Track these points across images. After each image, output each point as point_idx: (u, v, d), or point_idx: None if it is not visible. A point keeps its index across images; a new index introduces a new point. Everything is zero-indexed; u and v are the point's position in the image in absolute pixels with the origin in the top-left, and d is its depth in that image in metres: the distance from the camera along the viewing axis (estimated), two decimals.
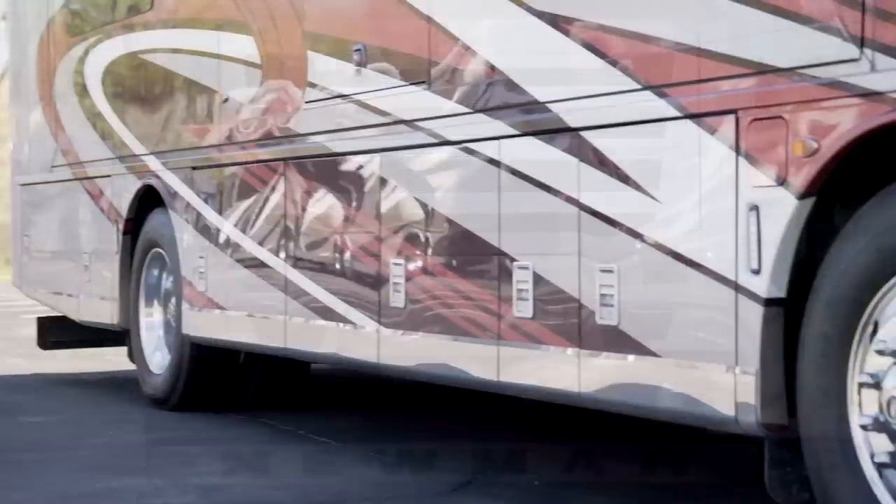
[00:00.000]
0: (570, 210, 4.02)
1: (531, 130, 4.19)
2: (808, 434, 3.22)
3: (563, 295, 4.06)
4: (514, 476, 4.84)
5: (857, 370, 3.11)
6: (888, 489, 3.03)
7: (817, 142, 3.18)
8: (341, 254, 5.26)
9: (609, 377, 3.90)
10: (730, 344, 3.44)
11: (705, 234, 3.56)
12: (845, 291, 3.13)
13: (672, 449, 5.48)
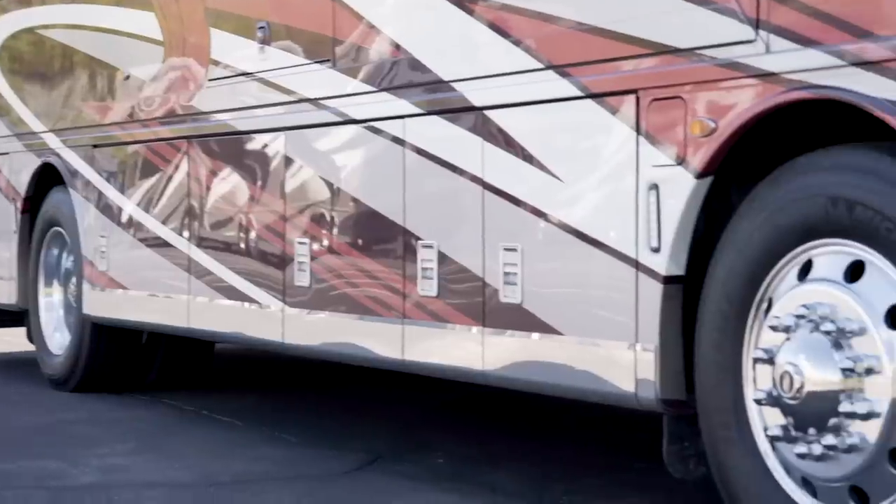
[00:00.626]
0: (474, 189, 4.08)
1: (436, 109, 4.24)
2: (705, 409, 3.32)
3: (467, 273, 4.13)
4: (420, 454, 4.90)
5: (751, 346, 3.21)
6: (780, 461, 3.13)
7: (715, 122, 3.27)
8: (246, 233, 5.27)
9: (513, 355, 3.97)
10: (630, 321, 3.52)
11: (607, 213, 3.64)
12: (741, 269, 3.22)
13: (573, 425, 5.59)
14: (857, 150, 2.99)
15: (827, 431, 2.95)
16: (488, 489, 4.29)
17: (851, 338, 2.94)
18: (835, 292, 3.01)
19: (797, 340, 3.05)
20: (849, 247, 3.00)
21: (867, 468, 2.91)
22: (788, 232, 3.11)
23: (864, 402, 2.90)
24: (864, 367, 2.91)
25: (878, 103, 2.86)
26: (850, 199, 2.94)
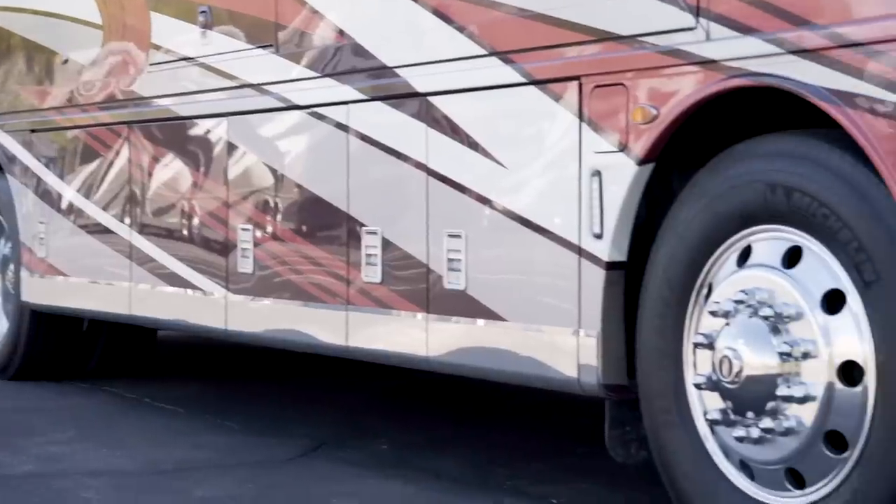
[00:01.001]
0: (418, 175, 4.12)
1: (379, 95, 4.28)
2: (646, 394, 3.38)
3: (411, 260, 4.17)
4: (363, 440, 4.94)
5: (692, 331, 3.27)
6: (719, 445, 3.20)
7: (656, 109, 3.33)
8: (188, 219, 5.28)
9: (457, 341, 4.02)
10: (573, 307, 3.58)
11: (550, 200, 3.69)
12: (682, 255, 3.28)
13: (517, 410, 5.65)
14: (794, 138, 3.06)
15: (764, 415, 3.02)
16: (432, 475, 4.34)
17: (789, 322, 3.01)
18: (773, 278, 3.07)
19: (736, 325, 3.11)
20: (786, 233, 3.06)
21: (803, 451, 2.98)
22: (728, 218, 3.18)
23: (801, 385, 2.97)
24: (801, 352, 2.98)
25: (814, 91, 2.93)
26: (787, 186, 3.01)
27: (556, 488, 4.11)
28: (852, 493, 2.87)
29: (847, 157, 2.90)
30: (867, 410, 2.85)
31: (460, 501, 3.93)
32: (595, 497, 3.99)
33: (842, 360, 2.92)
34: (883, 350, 2.81)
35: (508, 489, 4.12)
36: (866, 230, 2.85)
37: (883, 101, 2.77)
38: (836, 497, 2.90)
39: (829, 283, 2.97)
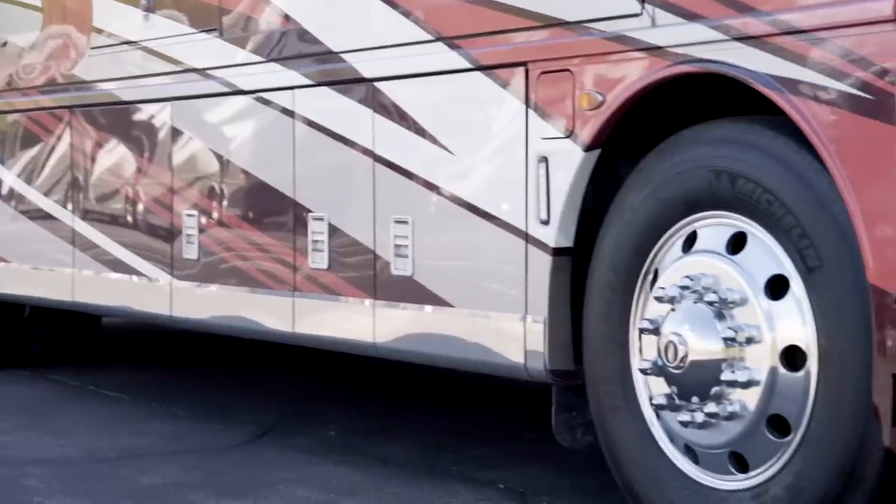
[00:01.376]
0: (364, 161, 4.13)
1: (325, 80, 4.28)
2: (593, 379, 3.42)
3: (358, 246, 4.18)
4: (311, 427, 4.96)
5: (637, 317, 3.31)
6: (665, 429, 3.24)
7: (602, 95, 3.36)
8: (133, 205, 5.26)
9: (404, 327, 4.04)
10: (520, 293, 3.61)
11: (497, 186, 3.72)
12: (628, 241, 3.32)
13: (464, 397, 5.69)
14: (738, 124, 3.10)
15: (709, 400, 3.07)
16: (380, 461, 4.36)
17: (733, 308, 3.06)
18: (718, 263, 3.11)
19: (681, 311, 3.15)
20: (731, 219, 3.10)
21: (747, 435, 3.03)
22: (673, 204, 3.21)
23: (745, 370, 3.01)
24: (745, 337, 3.02)
25: (759, 78, 2.97)
26: (732, 172, 3.05)
27: (503, 473, 4.14)
28: (794, 476, 2.92)
29: (791, 143, 2.94)
30: (809, 395, 2.90)
31: (407, 487, 3.95)
32: (542, 482, 4.03)
33: (785, 345, 2.97)
34: (825, 335, 2.86)
35: (455, 474, 4.15)
36: (810, 216, 2.89)
37: (826, 88, 2.81)
38: (779, 480, 2.95)
39: (773, 268, 3.01)
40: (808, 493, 2.89)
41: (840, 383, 2.83)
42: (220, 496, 3.85)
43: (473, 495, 3.86)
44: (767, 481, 2.99)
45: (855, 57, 2.76)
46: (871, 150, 2.70)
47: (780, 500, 2.95)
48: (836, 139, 2.78)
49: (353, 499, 3.82)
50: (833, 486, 2.84)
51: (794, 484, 2.92)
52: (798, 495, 2.91)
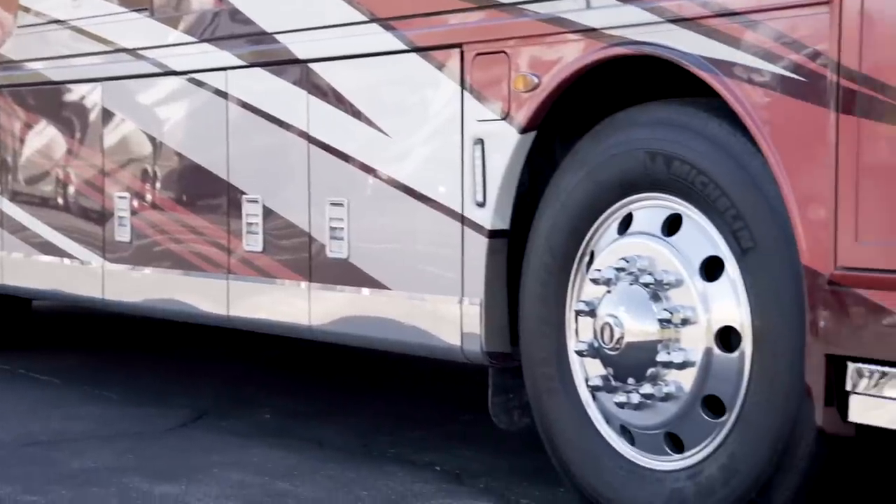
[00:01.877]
0: (299, 143, 4.12)
1: (259, 61, 4.26)
2: (529, 361, 3.44)
3: (293, 229, 4.17)
4: (246, 410, 4.95)
5: (574, 299, 3.33)
6: (600, 410, 3.28)
7: (538, 77, 3.37)
8: (63, 187, 5.21)
9: (340, 310, 4.04)
10: (456, 276, 3.62)
11: (433, 168, 3.72)
12: (564, 223, 3.34)
13: (401, 379, 5.70)
14: (673, 106, 3.12)
15: (645, 381, 3.10)
16: (315, 444, 4.36)
17: (669, 290, 3.09)
18: (653, 245, 3.14)
19: (617, 293, 3.18)
20: (667, 201, 3.13)
21: (682, 415, 3.06)
22: (609, 187, 3.23)
23: (680, 351, 3.05)
24: (681, 318, 3.05)
25: (693, 60, 2.99)
26: (667, 154, 3.08)
27: (440, 456, 4.16)
28: (729, 456, 2.96)
29: (725, 125, 2.97)
30: (744, 375, 2.94)
31: (343, 470, 3.96)
32: (478, 464, 4.05)
33: (720, 327, 3.00)
34: (759, 316, 2.90)
35: (392, 457, 4.16)
36: (743, 198, 2.92)
37: (759, 70, 2.84)
38: (714, 460, 2.99)
39: (707, 250, 3.04)
40: (742, 473, 2.93)
41: (774, 364, 2.87)
42: (153, 480, 3.83)
43: (410, 477, 3.87)
44: (702, 461, 3.03)
45: (788, 39, 2.79)
46: (804, 132, 2.73)
47: (715, 479, 2.98)
48: (770, 121, 2.81)
49: (288, 481, 3.82)
50: (767, 466, 2.88)
51: (728, 464, 2.96)
52: (732, 475, 2.95)
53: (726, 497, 2.95)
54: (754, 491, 2.91)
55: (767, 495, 2.90)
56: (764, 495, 2.90)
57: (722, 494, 2.96)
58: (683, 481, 3.06)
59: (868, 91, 2.57)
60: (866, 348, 2.64)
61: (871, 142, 2.58)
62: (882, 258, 2.58)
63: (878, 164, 2.59)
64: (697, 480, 3.03)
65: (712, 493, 2.98)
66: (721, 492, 2.96)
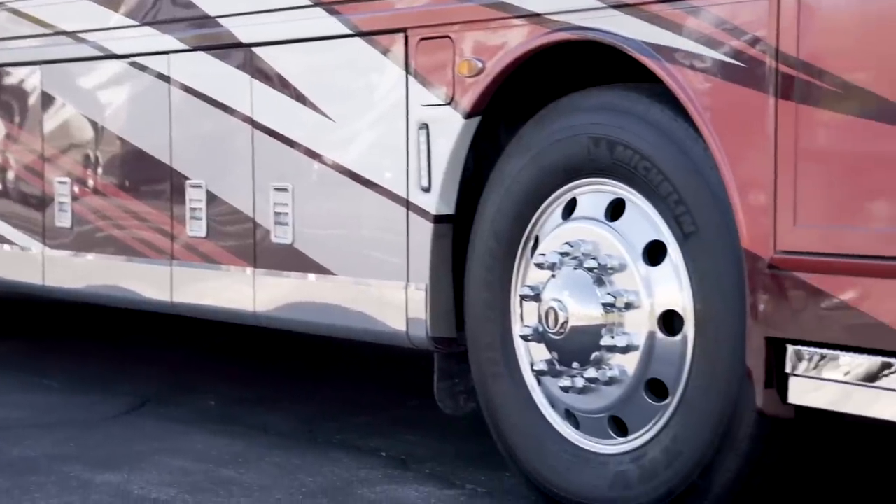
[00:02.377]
0: (243, 128, 4.14)
1: (202, 45, 4.28)
2: (474, 346, 3.49)
3: (237, 214, 4.19)
4: (190, 397, 4.97)
5: (519, 283, 3.38)
6: (545, 395, 3.33)
7: (482, 62, 3.42)
8: (2, 173, 5.20)
9: (285, 296, 4.07)
10: (402, 261, 3.66)
11: (378, 153, 3.76)
12: (509, 208, 3.39)
13: (346, 365, 5.74)
14: (616, 92, 3.18)
15: (589, 365, 3.16)
16: (261, 430, 4.39)
17: (612, 274, 3.14)
18: (597, 230, 3.20)
19: (562, 277, 3.23)
20: (610, 186, 3.19)
21: (626, 399, 3.13)
22: (553, 171, 3.29)
23: (624, 335, 3.11)
24: (624, 302, 3.11)
25: (635, 45, 3.04)
26: (610, 140, 3.13)
27: (386, 441, 4.20)
28: (672, 438, 3.02)
29: (667, 111, 3.03)
30: (686, 359, 3.00)
31: (289, 456, 3.99)
32: (424, 449, 4.10)
33: (662, 310, 3.06)
34: (700, 299, 2.96)
35: (338, 443, 4.20)
36: (685, 183, 2.99)
37: (701, 56, 2.90)
38: (657, 443, 3.06)
39: (650, 234, 3.10)
40: (685, 455, 2.99)
41: (715, 347, 2.93)
42: (94, 468, 3.85)
43: (356, 463, 3.91)
44: (646, 444, 3.10)
45: (728, 26, 2.85)
46: (744, 117, 2.79)
47: (658, 462, 3.05)
48: (711, 107, 2.87)
49: (233, 468, 3.85)
50: (709, 448, 2.95)
51: (671, 446, 3.03)
52: (675, 457, 3.01)
53: (669, 479, 3.02)
54: (696, 473, 2.98)
55: (709, 477, 2.97)
56: (706, 477, 2.97)
57: (665, 477, 3.03)
58: (627, 464, 3.13)
59: (806, 77, 2.64)
60: (805, 331, 2.71)
61: (809, 127, 2.64)
62: (820, 242, 2.65)
63: (816, 148, 2.65)
64: (641, 463, 3.09)
65: (655, 476, 3.05)
66: (664, 474, 3.03)
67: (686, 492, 3.00)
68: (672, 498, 3.02)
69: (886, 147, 2.55)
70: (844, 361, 2.64)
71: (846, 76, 2.59)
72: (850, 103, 2.59)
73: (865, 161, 2.59)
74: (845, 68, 2.59)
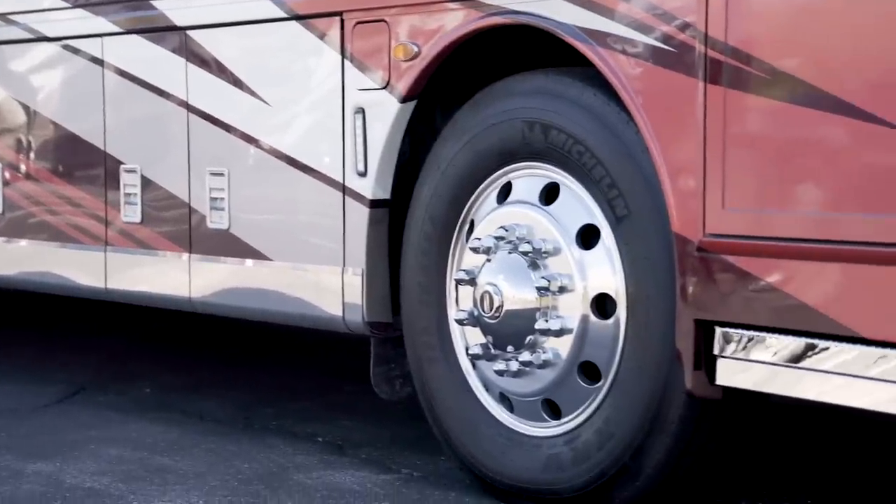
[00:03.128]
0: (178, 112, 4.17)
1: (136, 28, 4.29)
2: (410, 330, 3.55)
3: (173, 199, 4.22)
4: (125, 384, 4.98)
5: (454, 268, 3.44)
6: (480, 379, 3.40)
7: (418, 46, 3.47)
8: None
9: (222, 282, 4.10)
10: (338, 246, 3.71)
11: (314, 138, 3.80)
12: (444, 192, 3.44)
13: (283, 351, 5.78)
14: (550, 76, 3.24)
15: (524, 348, 3.22)
16: (196, 417, 4.43)
17: (547, 258, 3.21)
18: (531, 214, 3.26)
19: (497, 261, 3.29)
20: (545, 170, 3.25)
21: (559, 382, 3.20)
22: (488, 156, 3.35)
23: (558, 319, 3.18)
24: (558, 286, 3.18)
25: (567, 29, 3.11)
26: (544, 124, 3.20)
27: (323, 426, 4.25)
28: (604, 420, 3.10)
29: (600, 95, 3.10)
30: (619, 341, 3.08)
31: (224, 443, 4.03)
32: (361, 434, 4.15)
33: (595, 294, 3.13)
34: (633, 283, 3.04)
35: (274, 429, 4.24)
36: (618, 167, 3.06)
37: (632, 41, 2.97)
38: (590, 425, 3.13)
39: (584, 218, 3.16)
40: (617, 437, 3.07)
41: (647, 330, 3.01)
42: (26, 458, 3.85)
43: (292, 449, 3.96)
44: (579, 426, 3.17)
45: (659, 11, 2.91)
46: (674, 102, 2.87)
47: (591, 444, 3.13)
48: (642, 91, 2.95)
49: (168, 456, 3.88)
50: (640, 430, 3.03)
51: (603, 428, 3.10)
52: (607, 439, 3.09)
53: (601, 461, 3.10)
54: (628, 454, 3.05)
55: (640, 458, 3.04)
56: (636, 458, 3.05)
57: (597, 459, 3.11)
58: (560, 447, 3.20)
59: (734, 62, 2.72)
60: (733, 313, 2.79)
61: (738, 112, 2.72)
62: (748, 225, 2.73)
63: (744, 133, 2.73)
64: (574, 445, 3.17)
65: (588, 458, 3.12)
66: (596, 456, 3.11)
67: (618, 473, 3.08)
68: (604, 479, 3.10)
69: (812, 132, 2.63)
70: (771, 343, 2.72)
71: (774, 62, 2.67)
72: (778, 89, 2.67)
73: (792, 146, 2.67)
74: (773, 54, 2.67)
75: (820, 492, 3.48)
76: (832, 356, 2.61)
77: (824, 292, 2.63)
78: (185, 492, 3.48)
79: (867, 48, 2.54)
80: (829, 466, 3.81)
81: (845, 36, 2.57)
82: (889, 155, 2.50)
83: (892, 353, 2.52)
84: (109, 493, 3.47)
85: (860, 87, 2.54)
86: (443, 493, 3.45)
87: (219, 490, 3.49)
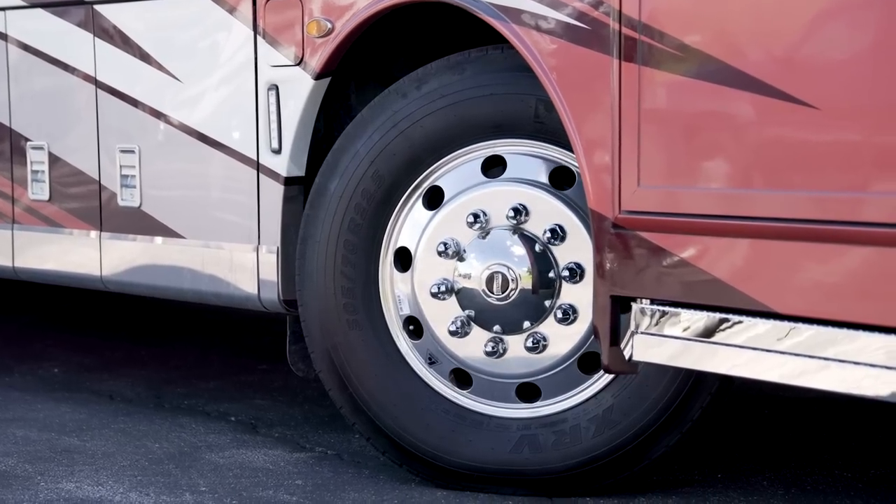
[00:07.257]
0: (86, 87, 4.13)
1: (40, 2, 4.24)
2: (319, 292, 3.54)
3: (82, 176, 4.19)
4: (33, 364, 4.95)
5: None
6: (420, 350, 3.38)
7: (331, 22, 3.47)
8: None
9: (133, 260, 4.08)
10: (253, 224, 3.71)
11: (227, 114, 3.79)
12: (358, 170, 3.46)
13: (196, 330, 5.76)
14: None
15: (528, 330, 3.26)
16: (106, 397, 4.41)
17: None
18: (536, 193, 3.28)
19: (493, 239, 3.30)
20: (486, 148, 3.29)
21: (552, 367, 3.27)
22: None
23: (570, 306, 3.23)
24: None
25: (482, 7, 3.12)
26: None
27: (236, 405, 4.26)
28: (602, 408, 3.21)
29: None
30: None
31: (135, 423, 4.02)
32: (274, 412, 4.17)
33: None
34: None
35: (186, 409, 4.24)
36: None
37: (546, 17, 3.00)
38: (581, 410, 3.22)
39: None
40: (621, 425, 3.19)
41: None
42: None
43: (204, 428, 3.96)
44: (565, 411, 3.25)
45: None
46: (588, 79, 2.90)
47: (583, 429, 3.21)
48: (556, 68, 2.98)
49: (76, 436, 3.86)
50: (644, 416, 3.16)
51: (599, 415, 3.20)
52: (607, 426, 3.19)
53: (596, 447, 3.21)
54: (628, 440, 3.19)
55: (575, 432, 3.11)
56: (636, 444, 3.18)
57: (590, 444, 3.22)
58: (536, 429, 3.25)
59: (647, 39, 2.75)
60: (648, 289, 2.83)
61: (651, 89, 2.76)
62: (662, 202, 2.77)
63: (657, 110, 2.77)
64: (559, 429, 3.24)
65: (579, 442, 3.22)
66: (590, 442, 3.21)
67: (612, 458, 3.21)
68: (596, 465, 3.22)
69: (723, 109, 2.67)
70: (685, 318, 2.77)
71: (685, 38, 2.71)
72: (689, 65, 2.71)
73: (703, 122, 2.71)
74: (685, 31, 2.71)
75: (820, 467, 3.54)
76: (744, 330, 2.66)
77: (735, 267, 2.68)
78: (94, 472, 3.46)
79: (773, 23, 2.58)
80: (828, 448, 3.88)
81: (752, 11, 2.61)
82: (794, 130, 2.55)
83: (802, 327, 2.57)
84: (16, 475, 3.44)
85: (766, 62, 2.58)
86: (356, 471, 3.47)
87: (128, 470, 3.48)
